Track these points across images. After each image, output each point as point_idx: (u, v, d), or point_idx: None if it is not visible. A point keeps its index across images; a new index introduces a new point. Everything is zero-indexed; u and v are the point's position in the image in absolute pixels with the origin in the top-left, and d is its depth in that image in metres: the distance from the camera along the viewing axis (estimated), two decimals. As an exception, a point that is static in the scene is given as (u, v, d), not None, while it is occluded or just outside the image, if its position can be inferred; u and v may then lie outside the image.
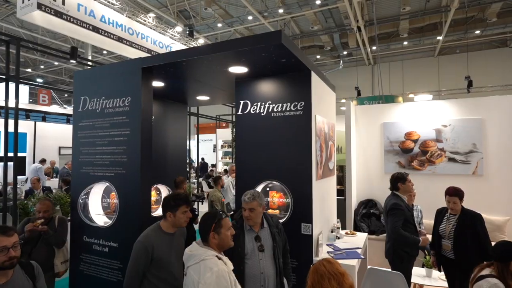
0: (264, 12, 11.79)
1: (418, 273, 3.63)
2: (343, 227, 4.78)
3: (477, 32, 12.26)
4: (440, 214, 3.40)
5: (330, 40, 14.45)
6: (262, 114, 3.28)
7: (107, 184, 3.09)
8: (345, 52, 15.11)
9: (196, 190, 8.28)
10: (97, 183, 3.18)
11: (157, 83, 3.56)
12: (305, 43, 14.98)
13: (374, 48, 14.10)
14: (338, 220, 3.94)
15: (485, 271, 2.53)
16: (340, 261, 2.91)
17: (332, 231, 3.56)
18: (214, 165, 13.31)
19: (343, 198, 5.19)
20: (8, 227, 1.91)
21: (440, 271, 3.63)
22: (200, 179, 9.86)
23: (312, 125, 3.06)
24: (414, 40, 13.42)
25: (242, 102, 3.39)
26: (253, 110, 3.33)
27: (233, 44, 2.57)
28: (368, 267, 2.96)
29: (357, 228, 4.94)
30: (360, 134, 5.36)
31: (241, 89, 3.41)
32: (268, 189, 3.33)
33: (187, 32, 10.87)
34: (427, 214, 4.70)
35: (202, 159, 8.96)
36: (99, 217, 3.25)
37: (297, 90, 3.13)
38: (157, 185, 4.33)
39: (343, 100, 14.56)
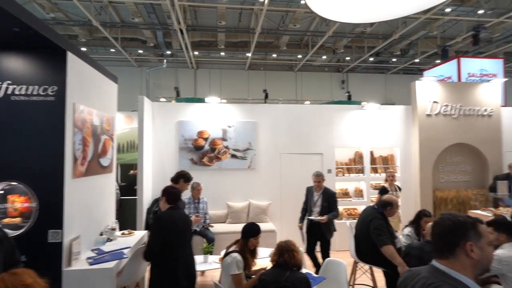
0: (73, -13, 9.94)
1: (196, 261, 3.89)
2: (133, 227, 4.56)
3: (274, 55, 15.25)
4: None
5: (153, 37, 14.00)
6: (-3, 96, 2.57)
7: None
8: (168, 52, 15.08)
9: None
10: None
11: None
12: (126, 34, 13.86)
13: (196, 53, 14.83)
14: (116, 221, 3.68)
15: (232, 248, 2.96)
16: (96, 266, 2.70)
17: (101, 234, 3.25)
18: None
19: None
20: None
21: None
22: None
23: (67, 114, 2.65)
24: (230, 52, 15.12)
25: (-35, 78, 2.53)
26: (-18, 91, 2.55)
27: None
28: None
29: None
30: (157, 132, 5.32)
31: (-36, 61, 2.54)
32: (3, 191, 2.62)
33: None
34: (213, 205, 5.23)
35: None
36: None
37: (48, 71, 2.63)
38: None
39: (162, 99, 14.48)
